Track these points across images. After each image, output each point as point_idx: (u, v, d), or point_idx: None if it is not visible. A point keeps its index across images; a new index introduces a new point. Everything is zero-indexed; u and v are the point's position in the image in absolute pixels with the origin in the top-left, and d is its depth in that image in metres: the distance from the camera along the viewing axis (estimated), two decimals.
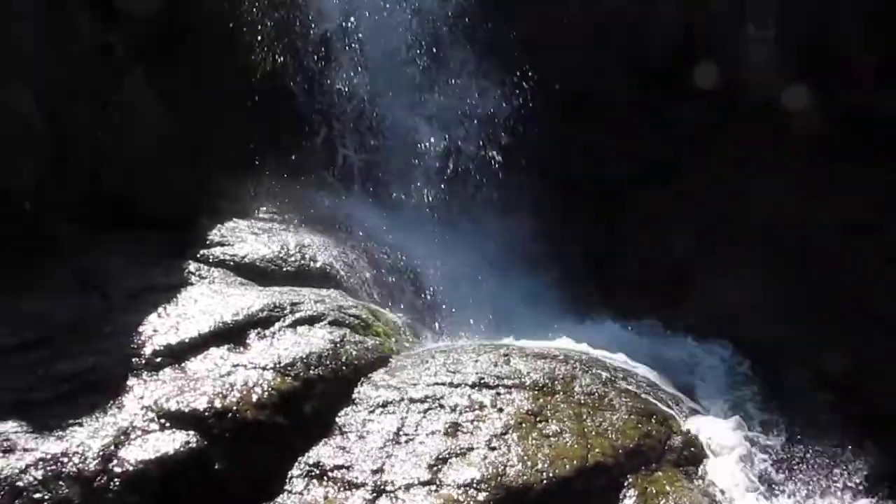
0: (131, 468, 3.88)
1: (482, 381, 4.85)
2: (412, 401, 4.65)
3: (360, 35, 7.82)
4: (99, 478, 3.83)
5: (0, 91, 5.61)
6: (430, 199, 7.92)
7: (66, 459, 3.85)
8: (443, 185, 8.03)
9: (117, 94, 6.25)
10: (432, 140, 8.03)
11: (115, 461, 3.89)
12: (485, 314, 7.11)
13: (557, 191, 8.20)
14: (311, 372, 4.63)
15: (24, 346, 4.66)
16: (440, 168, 8.04)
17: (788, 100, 8.26)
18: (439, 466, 4.27)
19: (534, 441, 4.49)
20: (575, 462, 4.41)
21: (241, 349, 4.72)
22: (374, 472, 4.22)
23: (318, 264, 6.23)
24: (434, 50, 8.29)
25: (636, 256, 8.42)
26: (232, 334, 4.80)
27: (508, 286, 7.59)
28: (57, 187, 5.89)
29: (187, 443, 4.05)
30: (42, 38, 5.84)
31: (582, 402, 4.88)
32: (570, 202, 8.24)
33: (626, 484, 4.48)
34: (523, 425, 4.58)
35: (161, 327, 4.80)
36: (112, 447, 3.94)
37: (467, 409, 4.63)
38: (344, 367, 4.80)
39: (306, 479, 4.21)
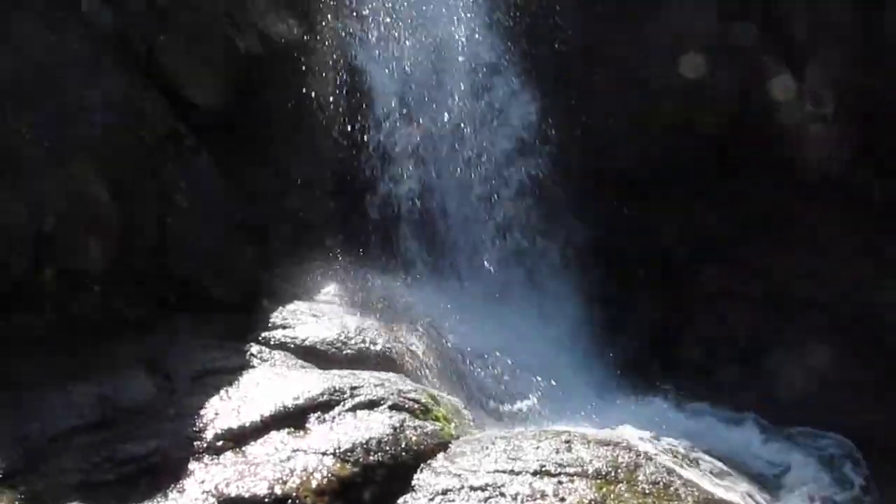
0: None
1: (543, 469, 4.75)
2: (472, 489, 4.57)
3: (422, 121, 7.96)
4: None
5: (74, 177, 5.84)
6: (490, 282, 7.92)
7: None
8: (502, 269, 8.02)
9: (185, 179, 6.43)
10: (492, 224, 8.06)
11: None
12: (544, 398, 7.02)
13: (617, 270, 8.15)
14: (371, 458, 4.60)
15: (88, 427, 4.72)
16: (500, 252, 8.04)
17: (849, 176, 8.16)
18: None
19: None
20: None
21: (302, 433, 4.71)
22: None
23: (378, 347, 6.23)
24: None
25: (698, 336, 8.28)
26: (292, 418, 4.80)
27: (568, 368, 7.50)
28: (124, 269, 6.04)
29: None
30: (114, 126, 6.07)
31: (646, 491, 4.74)
32: (630, 282, 8.17)
33: None
34: None
35: (223, 410, 4.82)
36: None
37: (528, 499, 4.53)
38: (404, 453, 4.75)
39: None
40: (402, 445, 4.79)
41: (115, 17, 6.32)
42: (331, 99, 7.51)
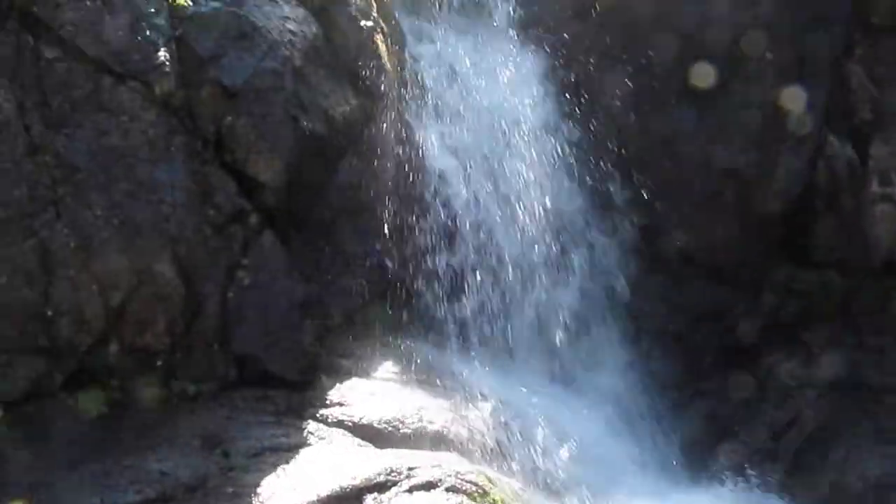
0: None
1: None
2: None
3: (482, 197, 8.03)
4: None
5: (141, 254, 6.00)
6: (549, 361, 7.85)
7: None
8: (562, 348, 7.96)
9: (248, 257, 6.55)
10: (553, 302, 8.02)
11: None
12: (604, 480, 6.86)
13: (680, 353, 8.03)
14: None
15: (147, 503, 4.76)
16: (560, 330, 7.99)
17: None
18: None
19: None
20: None
21: None
22: None
23: (436, 427, 6.19)
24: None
25: (763, 422, 8.05)
26: (349, 499, 4.79)
27: (628, 449, 7.35)
28: (187, 346, 6.14)
29: None
30: (181, 204, 6.24)
31: None
32: (693, 365, 8.04)
33: None
34: None
35: (279, 489, 4.83)
36: None
37: None
38: None
39: None
40: None
41: (186, 99, 6.53)
42: (390, 175, 7.62)
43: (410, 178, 7.77)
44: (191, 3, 6.67)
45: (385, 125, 7.60)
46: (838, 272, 8.48)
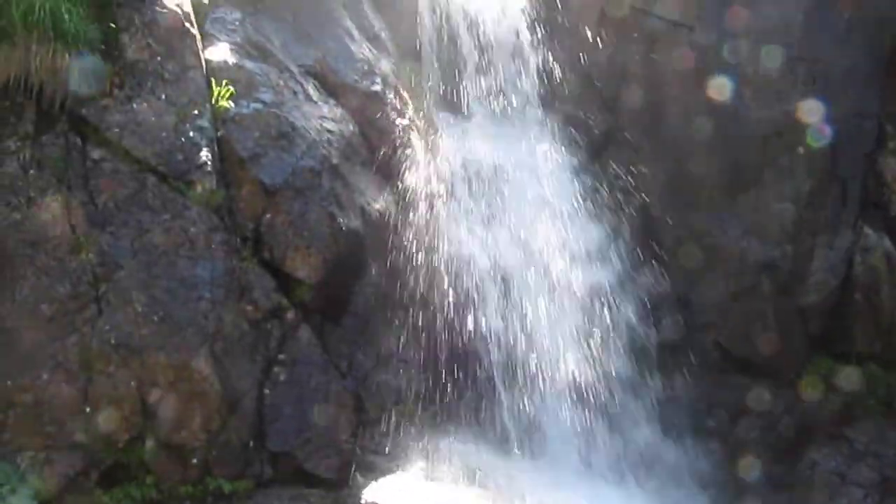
0: None
1: None
2: None
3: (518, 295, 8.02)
4: None
5: (179, 350, 6.04)
6: (588, 460, 7.70)
7: None
8: (601, 447, 7.82)
9: (285, 352, 6.58)
10: (592, 402, 7.92)
11: None
12: None
13: (720, 450, 7.88)
14: None
15: None
16: (598, 430, 7.86)
17: None
18: None
19: None
20: None
21: None
22: None
23: None
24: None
25: None
26: None
27: None
28: (223, 442, 6.12)
29: None
30: (220, 301, 6.31)
31: None
32: (734, 462, 7.86)
33: None
34: None
35: None
36: None
37: None
38: None
39: None
40: None
41: (227, 198, 6.66)
42: (425, 273, 7.65)
43: (445, 277, 7.80)
44: (233, 105, 6.88)
45: (419, 221, 7.68)
46: (880, 365, 8.33)
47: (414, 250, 7.45)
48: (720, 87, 8.65)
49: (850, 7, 8.89)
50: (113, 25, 6.55)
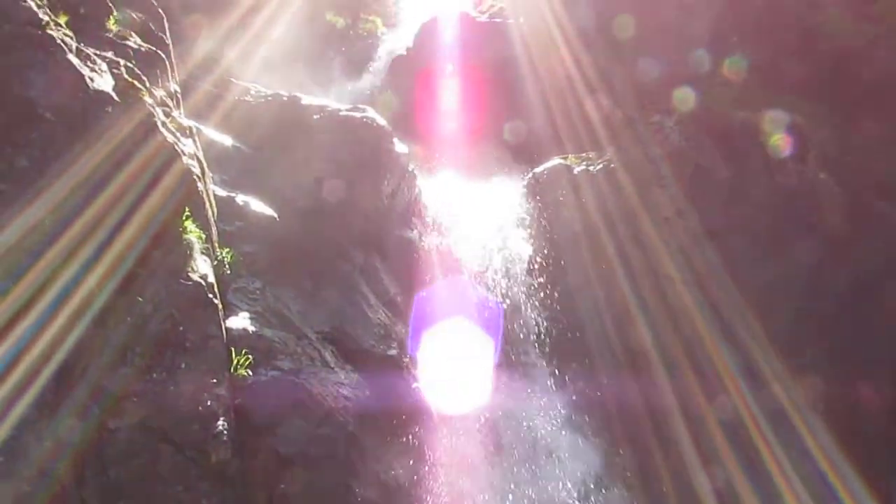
0: None
1: None
2: None
3: None
4: None
5: None
6: None
7: None
8: None
9: None
10: None
11: None
12: None
13: None
14: None
15: None
16: None
17: None
18: None
19: None
20: None
21: None
22: None
23: None
24: None
25: None
26: None
27: None
28: None
29: None
30: None
31: None
32: None
33: None
34: None
35: None
36: None
37: None
38: None
39: None
40: None
41: (241, 468, 6.56)
42: None
43: None
44: (251, 373, 6.94)
45: (437, 486, 7.54)
46: None
47: None
48: None
49: None
50: (140, 299, 6.74)
